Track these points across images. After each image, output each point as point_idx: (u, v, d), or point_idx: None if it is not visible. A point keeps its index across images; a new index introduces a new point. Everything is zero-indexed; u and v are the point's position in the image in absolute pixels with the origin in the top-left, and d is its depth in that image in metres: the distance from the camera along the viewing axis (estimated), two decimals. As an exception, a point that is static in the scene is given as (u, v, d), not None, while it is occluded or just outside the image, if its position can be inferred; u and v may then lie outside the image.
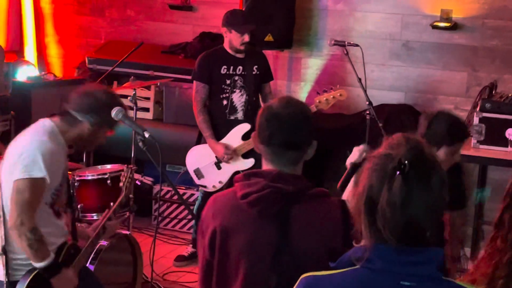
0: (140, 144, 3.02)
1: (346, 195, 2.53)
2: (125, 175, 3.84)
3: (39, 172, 2.99)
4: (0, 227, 3.12)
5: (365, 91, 4.95)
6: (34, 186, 3.01)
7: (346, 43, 5.06)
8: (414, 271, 1.61)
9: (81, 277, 3.30)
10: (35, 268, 3.07)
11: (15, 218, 3.00)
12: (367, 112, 4.94)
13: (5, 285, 3.09)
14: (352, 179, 2.54)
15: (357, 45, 5.09)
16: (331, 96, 4.91)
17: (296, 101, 2.34)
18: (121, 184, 3.83)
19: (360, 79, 4.95)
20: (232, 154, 5.04)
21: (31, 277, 3.05)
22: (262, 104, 5.25)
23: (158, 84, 6.21)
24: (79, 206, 4.31)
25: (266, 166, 2.29)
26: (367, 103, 4.92)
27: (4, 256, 3.09)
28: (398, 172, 1.59)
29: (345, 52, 5.02)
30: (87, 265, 3.74)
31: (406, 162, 1.59)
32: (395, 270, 1.61)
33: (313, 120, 2.33)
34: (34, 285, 3.06)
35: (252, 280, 2.21)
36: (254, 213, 2.19)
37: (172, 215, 6.00)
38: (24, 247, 3.03)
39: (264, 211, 2.19)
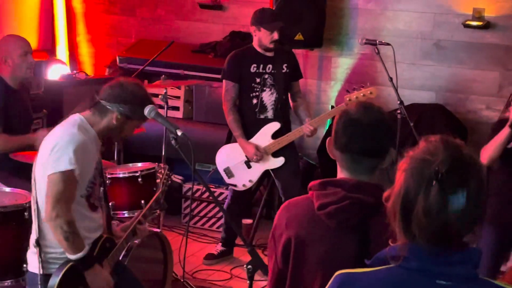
0: (173, 142, 3.03)
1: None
2: (162, 172, 3.87)
3: (69, 164, 3.03)
4: (34, 220, 3.17)
5: (396, 90, 4.92)
6: (66, 178, 3.04)
7: (377, 42, 5.04)
8: (450, 271, 1.60)
9: (117, 272, 3.33)
10: (69, 261, 3.10)
11: (50, 211, 3.04)
12: (398, 111, 4.91)
13: (39, 277, 3.13)
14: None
15: (388, 44, 5.05)
16: (361, 94, 4.88)
17: (376, 107, 2.23)
18: (158, 180, 3.85)
19: (391, 78, 4.92)
20: (262, 155, 5.03)
21: (65, 269, 3.08)
22: (291, 102, 5.24)
23: (188, 83, 6.24)
24: (110, 204, 4.33)
25: (340, 173, 2.21)
26: (398, 102, 4.89)
27: (38, 249, 3.12)
28: (434, 181, 1.57)
29: (376, 51, 5.00)
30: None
31: (443, 171, 1.57)
32: (431, 269, 1.60)
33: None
34: (68, 277, 3.09)
35: None
36: (332, 225, 2.10)
37: (202, 214, 6.02)
38: (60, 240, 3.06)
39: (343, 223, 2.10)
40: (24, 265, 3.60)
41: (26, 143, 4.36)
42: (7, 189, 4.02)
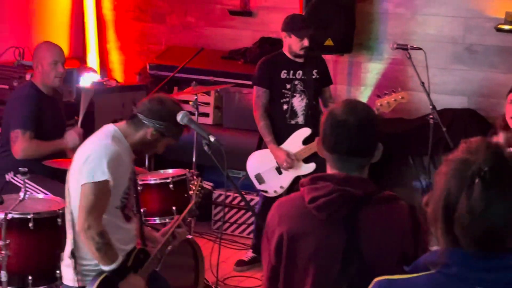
0: (206, 148, 3.03)
1: None
2: (195, 183, 3.88)
3: (102, 175, 3.03)
4: (69, 231, 3.18)
5: (428, 95, 4.88)
6: (99, 189, 3.05)
7: (408, 46, 5.00)
8: (492, 277, 1.57)
9: (150, 280, 3.33)
10: (103, 272, 3.11)
11: (83, 222, 3.05)
12: (431, 116, 4.87)
13: None
14: None
15: (420, 49, 5.01)
16: (393, 99, 4.84)
17: (361, 106, 2.29)
18: (191, 192, 3.87)
19: (423, 83, 4.88)
20: (293, 161, 5.01)
21: (99, 281, 3.09)
22: (322, 108, 5.23)
23: (218, 89, 6.25)
24: (142, 210, 4.34)
25: (331, 170, 2.26)
26: (431, 107, 4.85)
27: (73, 260, 3.13)
28: (477, 179, 1.55)
29: (408, 55, 4.96)
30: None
31: (486, 168, 1.56)
32: (471, 276, 1.58)
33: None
34: None
35: (321, 286, 2.17)
36: (322, 218, 2.15)
37: (232, 220, 6.01)
38: (92, 251, 3.07)
39: (332, 216, 2.14)
40: (57, 271, 3.64)
41: (57, 148, 4.40)
42: (41, 196, 4.06)
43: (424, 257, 1.66)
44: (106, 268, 3.09)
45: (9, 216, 3.57)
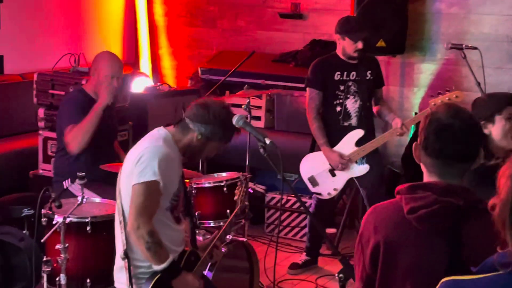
0: (261, 150, 3.01)
1: None
2: (240, 188, 3.88)
3: (153, 175, 3.07)
4: (121, 232, 3.21)
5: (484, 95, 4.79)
6: (149, 189, 3.08)
7: (463, 46, 4.93)
8: None
9: None
10: (156, 273, 3.13)
11: (133, 221, 3.08)
12: (487, 116, 4.78)
13: None
14: None
15: (475, 48, 4.94)
16: (447, 98, 4.77)
17: (464, 110, 2.20)
18: (235, 198, 3.87)
19: (479, 83, 4.81)
20: (346, 163, 4.99)
21: (153, 282, 3.11)
22: (374, 108, 5.19)
23: (270, 93, 6.26)
24: (196, 214, 4.38)
25: (429, 178, 2.17)
26: (487, 107, 4.76)
27: (126, 261, 3.16)
28: None
29: (463, 55, 4.89)
30: (205, 272, 3.78)
31: None
32: None
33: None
34: None
35: None
36: (423, 229, 2.07)
37: (285, 223, 6.01)
38: (142, 250, 3.09)
39: (434, 228, 2.07)
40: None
41: (97, 113, 4.39)
42: (97, 200, 4.12)
43: (493, 258, 1.62)
44: (157, 267, 3.11)
45: (68, 220, 3.63)
